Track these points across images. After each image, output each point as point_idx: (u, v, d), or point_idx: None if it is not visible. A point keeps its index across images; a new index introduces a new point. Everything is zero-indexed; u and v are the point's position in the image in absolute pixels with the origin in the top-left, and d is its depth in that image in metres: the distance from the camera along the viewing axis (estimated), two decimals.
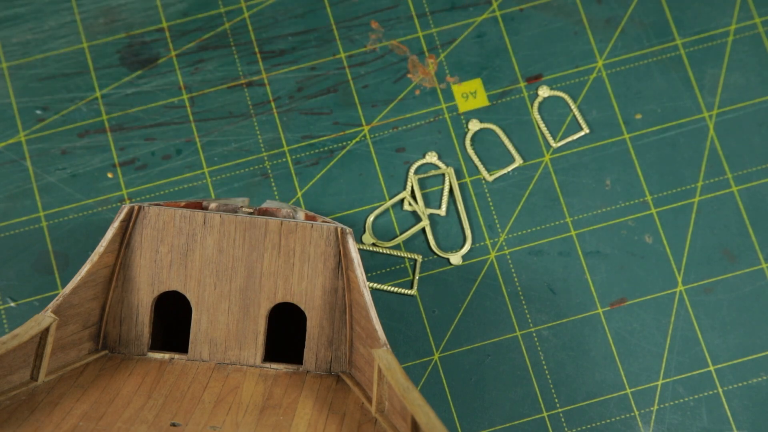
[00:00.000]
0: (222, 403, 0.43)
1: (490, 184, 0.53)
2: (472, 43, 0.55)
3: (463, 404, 0.51)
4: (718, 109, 0.54)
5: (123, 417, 0.41)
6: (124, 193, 0.53)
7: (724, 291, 0.52)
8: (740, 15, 0.55)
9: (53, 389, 0.42)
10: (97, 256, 0.44)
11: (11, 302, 0.52)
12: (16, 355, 0.41)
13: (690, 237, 0.53)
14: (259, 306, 0.45)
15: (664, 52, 0.55)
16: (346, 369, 0.46)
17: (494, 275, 0.52)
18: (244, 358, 0.45)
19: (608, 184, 0.53)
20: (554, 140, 0.54)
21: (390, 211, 0.53)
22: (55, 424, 0.40)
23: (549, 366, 0.51)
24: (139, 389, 0.43)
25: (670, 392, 0.51)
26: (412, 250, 0.53)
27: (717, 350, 0.51)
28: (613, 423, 0.51)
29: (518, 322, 0.52)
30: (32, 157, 0.53)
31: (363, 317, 0.44)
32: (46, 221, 0.53)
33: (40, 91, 0.54)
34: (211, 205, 0.46)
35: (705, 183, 0.53)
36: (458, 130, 0.54)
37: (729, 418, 0.51)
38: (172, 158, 0.54)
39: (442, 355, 0.51)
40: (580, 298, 0.52)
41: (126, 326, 0.46)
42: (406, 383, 0.40)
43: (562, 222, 0.53)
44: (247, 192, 0.53)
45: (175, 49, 0.55)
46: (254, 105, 0.54)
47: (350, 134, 0.54)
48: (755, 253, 0.53)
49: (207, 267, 0.45)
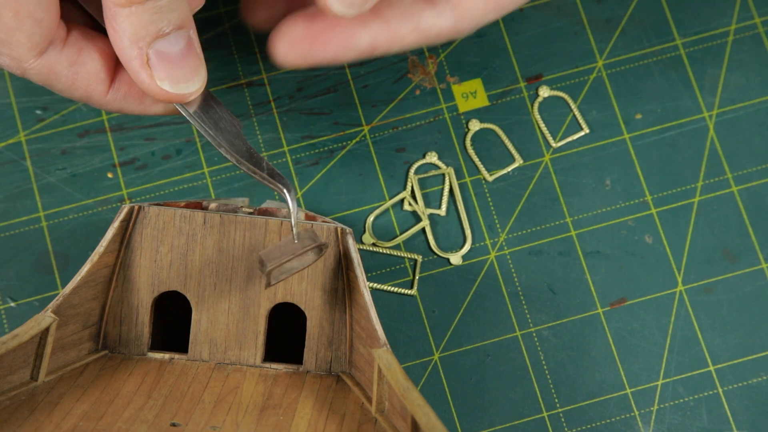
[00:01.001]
0: (222, 403, 0.43)
1: (490, 184, 0.53)
2: (472, 43, 0.55)
3: (463, 404, 0.51)
4: (718, 109, 0.54)
5: (123, 417, 0.41)
6: (124, 193, 0.53)
7: (724, 291, 0.52)
8: (740, 15, 0.55)
9: (53, 389, 0.42)
10: (97, 256, 0.44)
11: (11, 302, 0.52)
12: (16, 355, 0.41)
13: (690, 237, 0.53)
14: (259, 306, 0.45)
15: (664, 52, 0.55)
16: (346, 369, 0.46)
17: (494, 275, 0.52)
18: (244, 358, 0.45)
19: (608, 184, 0.53)
20: (554, 140, 0.54)
21: (390, 211, 0.53)
22: (55, 424, 0.40)
23: (549, 366, 0.51)
24: (139, 389, 0.43)
25: (670, 392, 0.51)
26: (412, 250, 0.53)
27: (717, 350, 0.51)
28: (613, 423, 0.51)
29: (518, 322, 0.52)
30: (32, 157, 0.53)
31: (363, 317, 0.44)
32: (46, 221, 0.53)
33: (40, 91, 0.54)
34: (211, 205, 0.46)
35: (705, 183, 0.53)
36: (458, 130, 0.54)
37: (729, 418, 0.51)
38: (172, 158, 0.54)
39: (442, 355, 0.51)
40: (580, 298, 0.52)
41: (126, 326, 0.46)
42: (406, 383, 0.40)
43: (562, 222, 0.53)
44: (247, 192, 0.53)
45: None
46: (254, 105, 0.54)
47: (350, 134, 0.54)
48: (755, 253, 0.53)
49: (207, 267, 0.45)
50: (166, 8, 0.41)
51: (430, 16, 0.43)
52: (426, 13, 0.43)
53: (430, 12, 0.43)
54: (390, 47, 0.44)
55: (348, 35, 0.43)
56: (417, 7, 0.43)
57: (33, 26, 0.40)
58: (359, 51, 0.43)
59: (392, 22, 0.43)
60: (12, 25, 0.40)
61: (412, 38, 0.43)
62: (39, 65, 0.42)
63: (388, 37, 0.43)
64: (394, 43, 0.43)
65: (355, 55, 0.43)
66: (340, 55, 0.43)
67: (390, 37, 0.43)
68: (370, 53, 0.44)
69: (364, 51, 0.43)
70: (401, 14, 0.43)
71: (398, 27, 0.43)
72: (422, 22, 0.43)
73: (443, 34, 0.44)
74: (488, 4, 0.43)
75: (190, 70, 0.42)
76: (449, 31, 0.44)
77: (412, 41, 0.44)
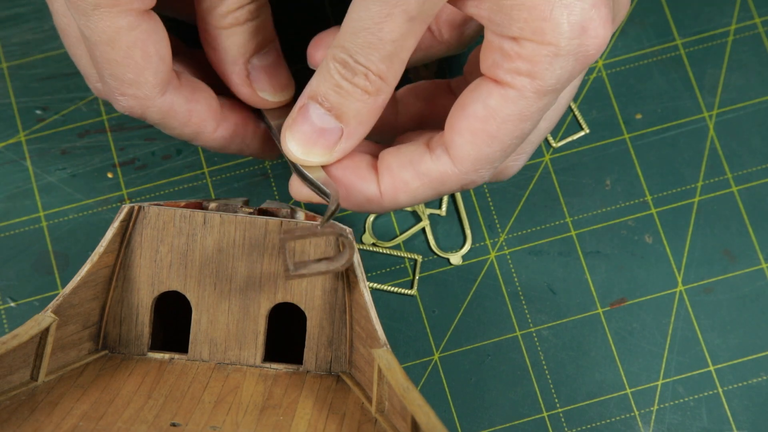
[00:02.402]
0: (222, 403, 0.43)
1: (490, 184, 0.53)
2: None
3: (463, 404, 0.51)
4: (718, 109, 0.54)
5: (123, 417, 0.41)
6: (124, 193, 0.53)
7: (724, 291, 0.52)
8: (740, 15, 0.55)
9: (53, 389, 0.42)
10: (97, 256, 0.44)
11: (11, 302, 0.52)
12: (16, 355, 0.41)
13: (690, 237, 0.53)
14: (259, 306, 0.45)
15: (664, 52, 0.55)
16: (346, 369, 0.46)
17: (494, 275, 0.52)
18: (244, 358, 0.45)
19: (608, 184, 0.53)
20: (554, 140, 0.54)
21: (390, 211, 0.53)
22: (55, 424, 0.40)
23: (549, 366, 0.51)
24: (139, 389, 0.43)
25: (670, 392, 0.51)
26: (412, 250, 0.53)
27: (717, 350, 0.51)
28: (613, 423, 0.51)
29: (518, 322, 0.52)
30: (32, 157, 0.53)
31: (363, 317, 0.44)
32: (46, 221, 0.53)
33: (40, 91, 0.54)
34: (211, 205, 0.46)
35: (705, 183, 0.53)
36: None
37: (729, 418, 0.51)
38: (172, 158, 0.54)
39: (442, 355, 0.51)
40: (580, 298, 0.52)
41: (126, 326, 0.46)
42: (406, 383, 0.40)
43: (562, 222, 0.53)
44: (247, 192, 0.53)
45: None
46: None
47: None
48: (755, 253, 0.53)
49: (207, 267, 0.45)
50: (261, 26, 0.44)
51: (428, 160, 0.42)
52: (425, 158, 0.42)
53: (428, 157, 0.42)
54: (396, 193, 0.43)
55: (357, 179, 0.43)
56: (418, 153, 0.42)
57: (159, 64, 0.42)
58: (367, 197, 0.43)
59: (394, 169, 0.42)
60: (141, 64, 0.41)
61: (416, 184, 0.42)
62: (161, 103, 0.43)
63: (392, 183, 0.42)
64: (398, 190, 0.42)
65: (364, 201, 0.43)
66: (348, 199, 0.43)
67: (393, 183, 0.42)
68: (381, 202, 0.43)
69: (372, 197, 0.43)
70: (402, 162, 0.42)
71: (400, 173, 0.42)
72: (422, 167, 0.42)
73: (448, 179, 0.42)
74: (475, 137, 0.41)
75: (284, 78, 0.46)
76: (452, 176, 0.42)
77: (419, 188, 0.42)
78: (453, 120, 0.41)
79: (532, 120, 0.40)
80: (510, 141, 0.41)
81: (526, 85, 0.39)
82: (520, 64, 0.39)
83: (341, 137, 0.41)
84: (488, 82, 0.40)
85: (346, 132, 0.41)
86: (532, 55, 0.38)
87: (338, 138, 0.41)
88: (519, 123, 0.40)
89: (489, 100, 0.40)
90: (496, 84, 0.40)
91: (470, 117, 0.40)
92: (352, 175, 0.43)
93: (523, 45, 0.38)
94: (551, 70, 0.39)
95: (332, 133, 0.41)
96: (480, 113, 0.40)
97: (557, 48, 0.38)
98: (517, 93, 0.39)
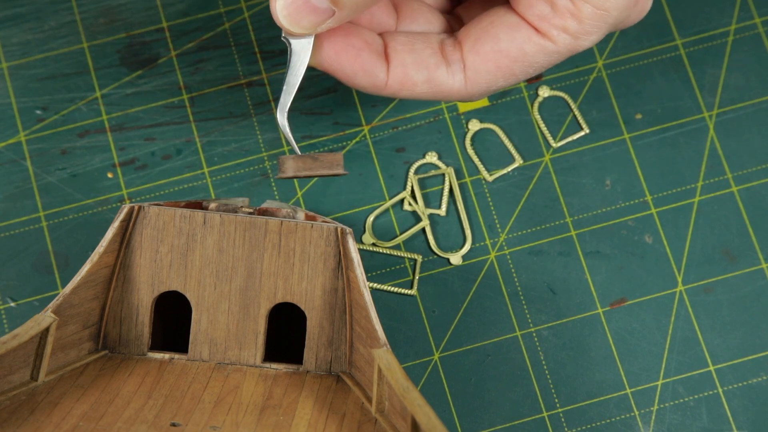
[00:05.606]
0: (222, 403, 0.43)
1: (490, 184, 0.53)
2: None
3: (463, 404, 0.51)
4: (718, 109, 0.54)
5: (123, 417, 0.41)
6: (124, 193, 0.53)
7: (724, 291, 0.52)
8: (740, 15, 0.55)
9: (53, 389, 0.42)
10: (97, 256, 0.44)
11: (11, 302, 0.52)
12: (16, 355, 0.41)
13: (690, 237, 0.53)
14: (259, 306, 0.45)
15: (664, 52, 0.55)
16: (346, 369, 0.46)
17: (494, 275, 0.52)
18: (244, 358, 0.45)
19: (608, 184, 0.53)
20: (554, 140, 0.54)
21: (390, 211, 0.53)
22: (55, 424, 0.40)
23: (549, 366, 0.51)
24: (139, 389, 0.43)
25: (670, 392, 0.51)
26: (412, 250, 0.53)
27: (717, 350, 0.51)
28: (613, 423, 0.51)
29: (518, 322, 0.52)
30: (32, 157, 0.53)
31: (363, 317, 0.44)
32: (46, 221, 0.53)
33: (40, 91, 0.54)
34: (211, 205, 0.46)
35: (705, 183, 0.53)
36: (458, 130, 0.54)
37: (729, 418, 0.51)
38: (172, 158, 0.54)
39: (442, 355, 0.51)
40: (580, 298, 0.52)
41: (126, 326, 0.46)
42: (406, 383, 0.40)
43: (562, 222, 0.53)
44: (247, 192, 0.53)
45: (175, 49, 0.55)
46: (254, 105, 0.54)
47: (350, 134, 0.54)
48: (755, 253, 0.53)
49: (207, 267, 0.45)
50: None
51: (444, 73, 0.43)
52: (441, 69, 0.43)
53: (444, 69, 0.43)
54: (400, 89, 0.44)
55: (371, 62, 0.43)
56: (434, 60, 0.44)
57: None
58: (375, 81, 0.44)
59: (409, 67, 0.43)
60: None
61: (423, 89, 0.44)
62: None
63: (401, 78, 0.43)
64: (404, 87, 0.44)
65: (371, 83, 0.44)
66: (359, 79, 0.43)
67: (402, 79, 0.43)
68: (382, 90, 0.44)
69: (378, 83, 0.44)
70: (418, 62, 0.44)
71: (413, 73, 0.43)
72: (436, 77, 0.43)
73: (453, 93, 0.44)
74: (498, 70, 0.43)
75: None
76: (459, 92, 0.44)
77: (423, 92, 0.44)
78: (479, 45, 0.43)
79: (549, 67, 0.43)
80: (522, 78, 0.43)
81: (567, 44, 0.41)
82: (570, 23, 0.40)
83: (330, 17, 0.41)
84: (527, 27, 0.41)
85: (337, 15, 0.41)
86: (586, 17, 0.40)
87: (327, 18, 0.41)
88: (539, 69, 0.43)
89: (526, 45, 0.41)
90: (536, 32, 0.41)
91: (501, 53, 0.42)
92: (367, 59, 0.43)
93: (578, 5, 0.39)
94: (597, 35, 0.40)
95: (323, 13, 0.41)
96: (513, 54, 0.42)
97: (609, 15, 0.39)
98: (555, 48, 0.41)
